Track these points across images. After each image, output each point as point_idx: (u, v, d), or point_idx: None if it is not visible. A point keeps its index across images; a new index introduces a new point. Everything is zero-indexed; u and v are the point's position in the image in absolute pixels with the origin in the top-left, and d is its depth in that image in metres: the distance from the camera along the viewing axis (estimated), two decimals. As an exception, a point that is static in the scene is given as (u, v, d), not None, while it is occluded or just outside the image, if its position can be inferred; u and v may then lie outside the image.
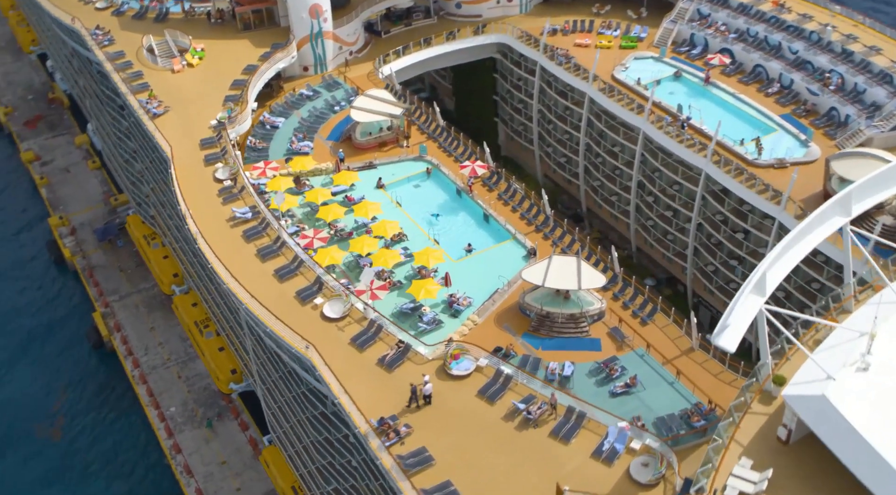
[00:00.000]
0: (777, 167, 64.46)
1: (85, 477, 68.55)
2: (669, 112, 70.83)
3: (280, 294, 52.10)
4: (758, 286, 38.80)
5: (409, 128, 70.38)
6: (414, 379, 46.47)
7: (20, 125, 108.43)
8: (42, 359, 77.41)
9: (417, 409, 45.21)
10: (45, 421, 72.68)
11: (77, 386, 75.06)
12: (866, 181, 43.42)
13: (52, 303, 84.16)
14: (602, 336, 52.34)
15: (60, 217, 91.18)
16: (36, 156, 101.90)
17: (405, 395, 45.72)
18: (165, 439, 68.54)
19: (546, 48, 79.35)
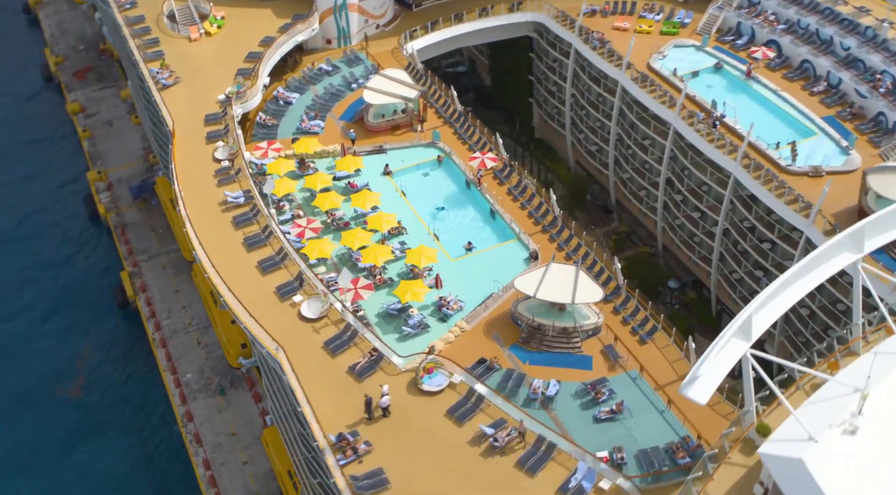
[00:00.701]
0: (812, 175, 59.77)
1: (97, 438, 67.78)
2: (703, 107, 66.24)
3: (261, 288, 50.13)
4: (742, 330, 35.21)
5: (426, 111, 67.21)
6: (390, 387, 44.10)
7: (69, 75, 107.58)
8: (69, 316, 76.53)
9: (373, 421, 42.90)
10: (66, 378, 72.22)
11: (100, 346, 74.08)
12: (886, 214, 39.13)
13: (84, 259, 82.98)
14: (595, 353, 49.22)
15: (99, 172, 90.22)
16: (81, 108, 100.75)
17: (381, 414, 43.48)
18: (179, 405, 67.62)
19: (581, 30, 75.02)
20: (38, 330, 75.96)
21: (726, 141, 62.54)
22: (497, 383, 47.16)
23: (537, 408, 46.10)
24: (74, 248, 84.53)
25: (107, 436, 68.23)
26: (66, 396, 71.54)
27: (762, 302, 35.79)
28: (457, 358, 48.62)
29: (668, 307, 71.54)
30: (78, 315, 77.25)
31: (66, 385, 72.32)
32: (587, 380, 47.37)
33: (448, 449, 41.74)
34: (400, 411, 43.43)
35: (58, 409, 69.71)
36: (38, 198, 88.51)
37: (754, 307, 35.31)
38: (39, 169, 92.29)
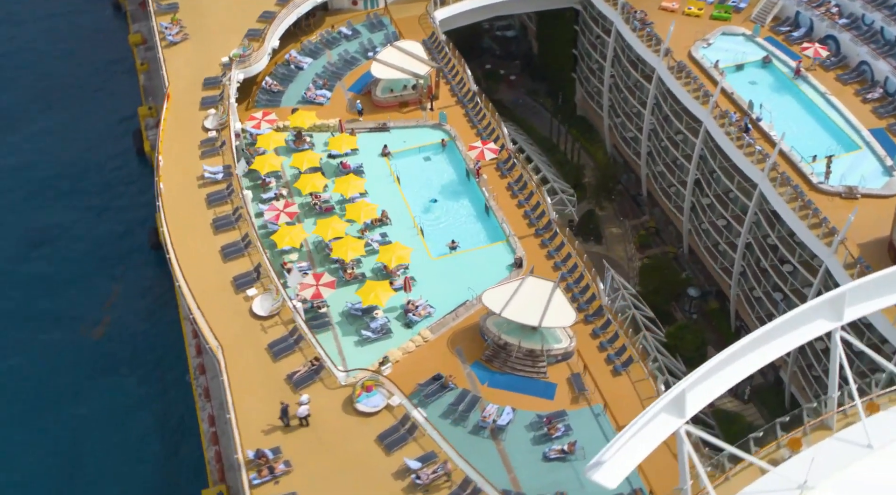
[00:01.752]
0: (845, 196, 53.88)
1: (111, 380, 65.92)
2: (740, 106, 60.32)
3: (218, 276, 47.85)
4: (675, 405, 31.06)
5: (438, 88, 63.10)
6: (315, 404, 41.56)
7: (135, 5, 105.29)
8: (105, 254, 74.64)
9: (291, 430, 40.67)
10: (91, 318, 70.11)
11: (129, 288, 72.03)
12: (872, 281, 34.03)
13: (126, 196, 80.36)
14: (562, 381, 45.56)
15: (150, 107, 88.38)
16: (143, 40, 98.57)
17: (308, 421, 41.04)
18: (193, 357, 65.93)
19: (624, 8, 69.13)
20: (72, 265, 73.48)
21: (757, 148, 56.75)
22: (448, 404, 44.16)
23: (485, 437, 42.98)
24: (119, 184, 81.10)
25: (121, 381, 66.20)
26: (88, 337, 70.47)
27: (702, 375, 31.46)
28: (412, 371, 45.79)
29: (686, 316, 66.87)
30: (113, 254, 74.63)
31: (90, 326, 70.89)
32: (545, 412, 43.83)
33: (370, 480, 39.02)
34: (330, 431, 40.85)
35: (78, 349, 67.49)
36: (94, 130, 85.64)
37: (690, 382, 31.04)
38: (98, 102, 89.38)
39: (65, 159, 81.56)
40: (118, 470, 55.55)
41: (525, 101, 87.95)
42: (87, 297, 70.47)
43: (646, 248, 72.37)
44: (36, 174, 78.94)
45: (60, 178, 79.72)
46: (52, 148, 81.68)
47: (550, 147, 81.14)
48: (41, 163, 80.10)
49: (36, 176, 78.62)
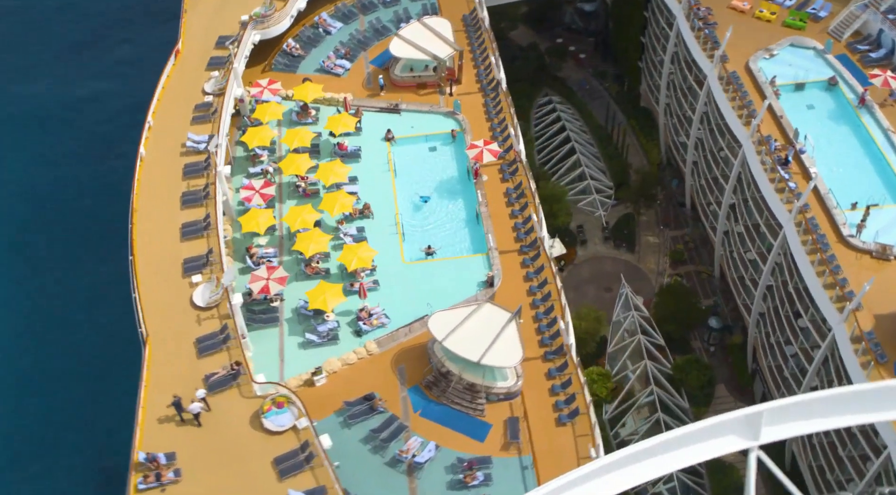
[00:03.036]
0: (876, 256, 47.74)
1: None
2: (786, 133, 54.00)
3: (170, 256, 46.25)
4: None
5: (461, 72, 58.98)
6: (230, 413, 39.93)
7: None
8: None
9: (184, 425, 39.25)
10: None
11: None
12: (794, 404, 29.13)
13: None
14: (498, 423, 42.32)
15: None
16: None
17: (208, 429, 39.45)
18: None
19: (689, 2, 62.65)
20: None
21: (790, 185, 50.72)
22: (371, 429, 41.70)
23: (400, 472, 40.52)
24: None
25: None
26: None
27: (581, 477, 27.61)
28: (346, 385, 43.50)
29: (704, 347, 61.92)
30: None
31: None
32: (469, 455, 40.84)
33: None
34: (231, 443, 39.08)
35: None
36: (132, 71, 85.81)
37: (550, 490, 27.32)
38: (148, 43, 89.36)
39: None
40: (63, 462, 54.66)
41: (590, 83, 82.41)
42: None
43: (679, 265, 67.22)
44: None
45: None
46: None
47: (605, 137, 75.83)
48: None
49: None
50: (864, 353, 43.46)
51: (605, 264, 68.22)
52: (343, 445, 41.25)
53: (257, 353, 45.03)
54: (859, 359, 43.53)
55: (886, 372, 42.65)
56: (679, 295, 61.08)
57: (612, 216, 70.11)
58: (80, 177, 69.83)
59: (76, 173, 70.29)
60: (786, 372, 52.36)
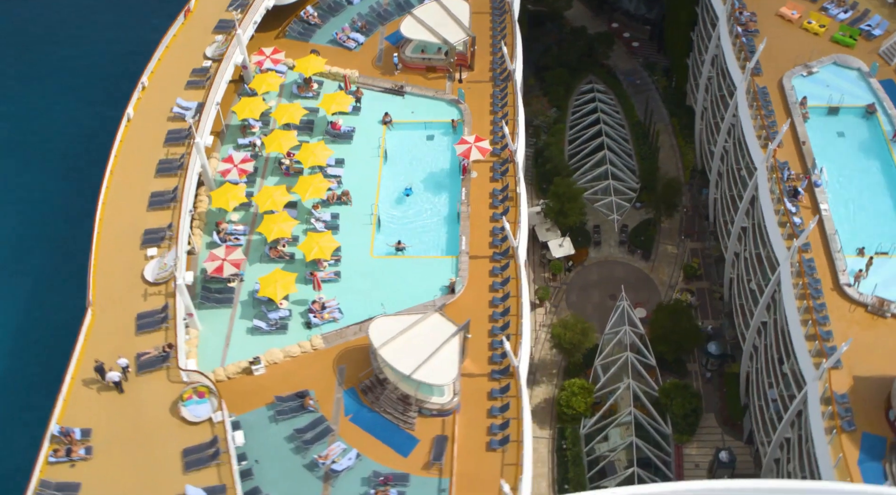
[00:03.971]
0: (870, 311, 44.07)
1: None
2: (804, 162, 50.09)
3: (133, 225, 45.90)
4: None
5: (474, 58, 56.48)
6: (152, 396, 39.69)
7: None
8: None
9: (110, 413, 39.05)
10: None
11: None
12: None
13: None
14: (426, 440, 40.89)
15: None
16: None
17: (128, 408, 39.32)
18: None
19: (734, 5, 58.36)
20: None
21: (794, 220, 47.13)
22: (296, 428, 40.89)
23: (317, 477, 39.67)
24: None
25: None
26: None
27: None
28: (283, 379, 42.77)
29: (701, 371, 58.88)
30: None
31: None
32: (387, 469, 39.68)
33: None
34: (147, 427, 38.82)
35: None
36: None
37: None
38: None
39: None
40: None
41: (639, 74, 78.42)
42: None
43: (692, 280, 63.85)
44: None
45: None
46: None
47: (642, 135, 72.18)
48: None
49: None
50: (832, 417, 40.32)
51: (616, 269, 65.29)
52: (266, 441, 40.68)
53: (205, 333, 44.69)
54: (825, 422, 40.43)
55: (851, 442, 39.49)
56: (676, 314, 57.88)
57: (633, 219, 66.94)
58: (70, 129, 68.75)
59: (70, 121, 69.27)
60: (766, 416, 49.30)
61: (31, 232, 61.27)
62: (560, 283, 64.24)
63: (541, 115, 72.83)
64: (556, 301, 63.53)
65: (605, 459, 53.76)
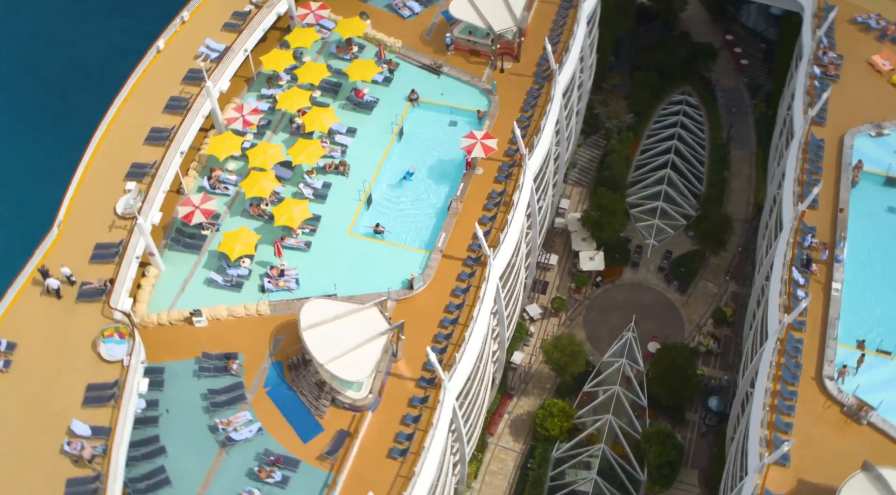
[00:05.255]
0: (846, 413, 39.83)
1: None
2: (835, 233, 45.30)
3: (126, 156, 46.52)
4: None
5: (520, 49, 53.82)
6: (80, 325, 40.58)
7: None
8: None
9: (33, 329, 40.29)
10: None
11: None
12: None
13: None
14: (331, 430, 40.25)
15: None
16: None
17: (54, 333, 40.42)
18: None
19: (821, 43, 52.97)
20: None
21: (798, 293, 42.87)
22: (210, 388, 41.18)
23: (216, 440, 39.85)
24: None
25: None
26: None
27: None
28: (219, 337, 43.07)
29: (699, 425, 55.27)
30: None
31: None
32: (281, 450, 39.35)
33: (37, 426, 37.66)
34: (62, 354, 39.62)
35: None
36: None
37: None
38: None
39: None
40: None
41: (738, 94, 72.93)
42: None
43: (721, 325, 59.70)
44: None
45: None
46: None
47: (719, 160, 67.43)
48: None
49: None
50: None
51: (646, 296, 61.77)
52: (181, 394, 41.18)
53: (166, 275, 45.37)
54: (751, 522, 37.03)
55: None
56: (675, 359, 54.18)
57: (681, 247, 62.95)
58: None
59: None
60: (730, 491, 45.68)
61: (31, 136, 64.32)
62: (583, 297, 61.39)
63: (615, 118, 69.16)
64: (573, 314, 60.85)
65: (566, 488, 51.57)
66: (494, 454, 55.14)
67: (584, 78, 60.55)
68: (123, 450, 37.01)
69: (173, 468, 38.93)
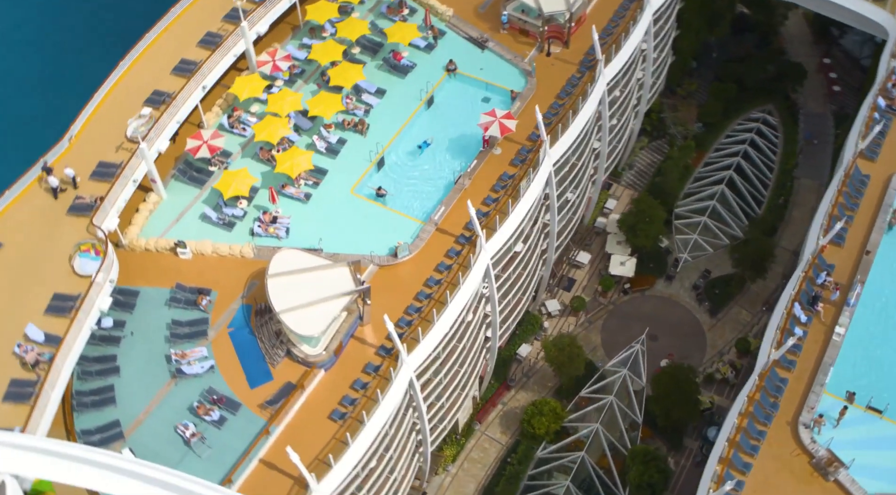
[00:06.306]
0: (813, 465, 37.09)
1: None
2: (855, 276, 41.99)
3: (147, 84, 46.97)
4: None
5: (570, 35, 51.86)
6: (63, 237, 41.43)
7: None
8: None
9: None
10: None
11: None
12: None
13: None
14: (280, 380, 40.03)
15: None
16: None
17: (37, 237, 41.51)
18: None
19: (894, 73, 48.98)
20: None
21: (795, 330, 39.98)
22: (175, 319, 41.61)
23: (168, 370, 40.26)
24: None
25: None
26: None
27: None
28: (201, 271, 43.54)
29: (696, 453, 52.71)
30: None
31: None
32: (225, 391, 39.42)
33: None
34: (40, 259, 40.61)
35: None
36: None
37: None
38: None
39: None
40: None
41: (823, 122, 68.48)
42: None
43: (744, 356, 56.48)
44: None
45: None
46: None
47: (784, 186, 63.68)
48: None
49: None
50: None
51: (674, 312, 59.02)
52: (148, 320, 41.79)
53: (166, 204, 46.09)
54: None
55: None
56: (674, 382, 51.47)
57: (722, 268, 59.83)
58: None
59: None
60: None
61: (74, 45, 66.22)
62: (608, 302, 59.23)
63: (680, 125, 66.16)
64: (593, 317, 58.80)
65: (541, 490, 50.11)
66: (479, 442, 53.97)
67: (645, 77, 57.94)
68: (70, 362, 37.70)
69: (122, 389, 39.56)
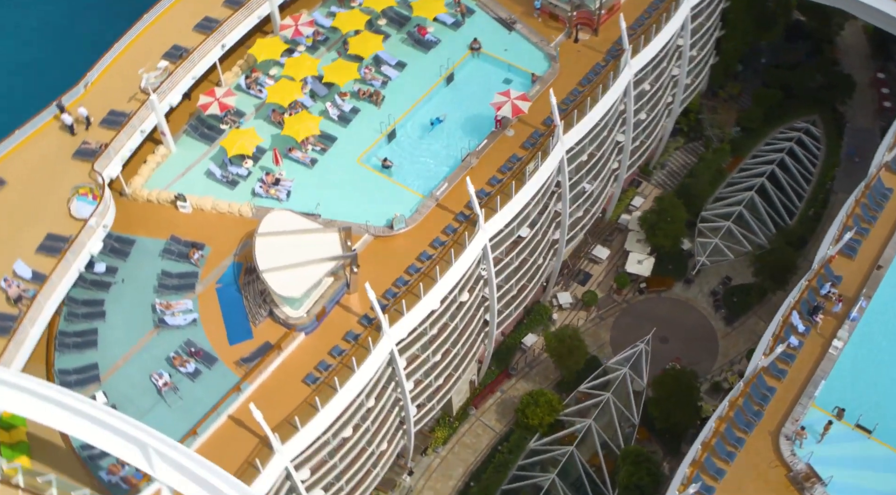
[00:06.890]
0: (792, 479, 35.81)
1: None
2: (863, 291, 40.21)
3: (168, 38, 47.08)
4: None
5: (600, 23, 50.73)
6: (64, 180, 41.98)
7: None
8: None
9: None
10: None
11: None
12: None
13: None
14: (260, 339, 40.04)
15: None
16: None
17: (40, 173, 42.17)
18: None
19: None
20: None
21: (790, 340, 38.50)
22: (165, 270, 41.86)
23: (151, 320, 40.57)
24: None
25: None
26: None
27: None
28: (198, 224, 43.87)
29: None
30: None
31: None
32: (204, 345, 39.56)
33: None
34: (38, 197, 41.24)
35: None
36: None
37: None
38: None
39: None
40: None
41: (870, 138, 65.81)
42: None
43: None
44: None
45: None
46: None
47: (818, 201, 61.52)
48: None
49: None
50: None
51: (688, 317, 57.60)
52: (140, 269, 42.20)
53: (174, 157, 46.41)
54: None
55: None
56: (677, 385, 50.05)
57: (743, 277, 58.13)
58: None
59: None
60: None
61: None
62: (623, 299, 58.05)
63: (717, 128, 64.43)
64: (605, 314, 57.72)
65: (527, 480, 49.37)
66: (473, 427, 53.54)
67: (681, 74, 56.50)
68: (53, 301, 38.19)
69: (104, 333, 40.01)
